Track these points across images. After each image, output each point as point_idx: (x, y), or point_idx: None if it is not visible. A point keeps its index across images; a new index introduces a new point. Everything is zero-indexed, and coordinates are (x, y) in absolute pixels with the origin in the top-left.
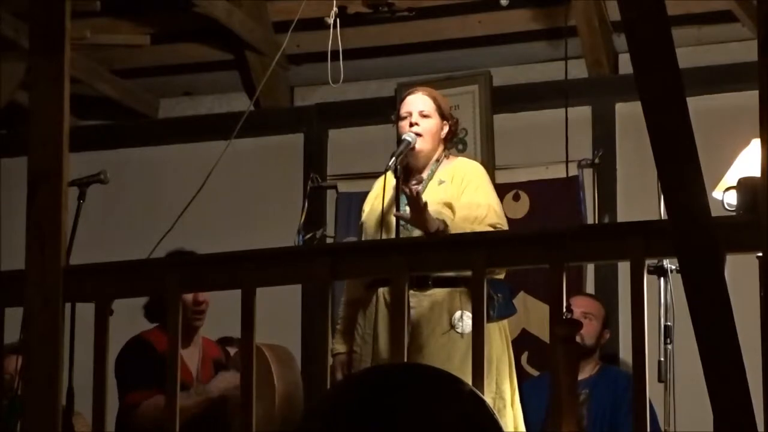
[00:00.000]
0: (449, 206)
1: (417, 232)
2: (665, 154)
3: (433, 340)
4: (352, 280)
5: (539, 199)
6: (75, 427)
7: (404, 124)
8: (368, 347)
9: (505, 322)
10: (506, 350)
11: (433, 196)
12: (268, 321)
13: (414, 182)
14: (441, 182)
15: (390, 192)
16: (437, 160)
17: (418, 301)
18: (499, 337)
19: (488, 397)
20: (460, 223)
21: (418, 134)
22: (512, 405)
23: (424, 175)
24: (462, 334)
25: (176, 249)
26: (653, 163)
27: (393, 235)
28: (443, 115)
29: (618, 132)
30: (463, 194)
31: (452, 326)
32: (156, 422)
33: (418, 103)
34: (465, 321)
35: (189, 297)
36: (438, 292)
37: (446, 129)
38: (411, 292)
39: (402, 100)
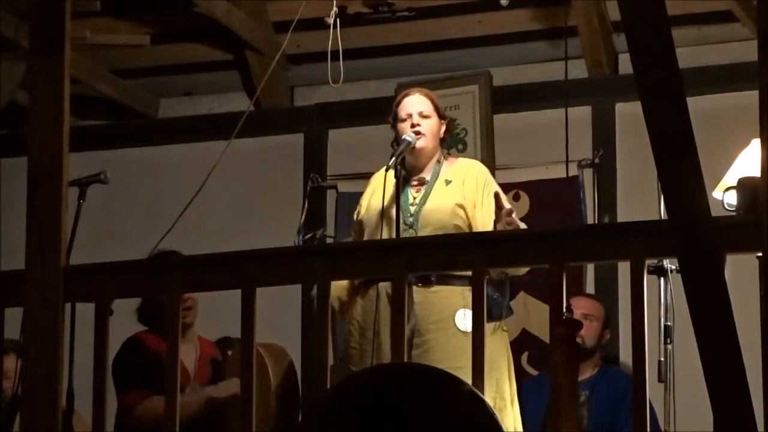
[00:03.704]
0: (461, 207)
1: (423, 232)
2: (665, 154)
3: (436, 337)
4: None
5: (539, 199)
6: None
7: (405, 126)
8: (369, 342)
9: (504, 321)
10: (506, 350)
11: (443, 197)
12: (268, 321)
13: (416, 182)
14: (448, 182)
15: (390, 191)
16: (438, 161)
17: (423, 298)
18: (498, 336)
19: (489, 397)
20: None
21: (420, 134)
22: (512, 404)
23: (427, 175)
24: (464, 332)
25: (163, 250)
26: (653, 163)
27: (393, 234)
28: (440, 114)
29: (618, 132)
30: (485, 200)
31: (455, 324)
32: (151, 425)
33: (417, 105)
34: (468, 319)
35: None
36: (442, 290)
37: (443, 127)
38: (415, 288)
39: (398, 102)
